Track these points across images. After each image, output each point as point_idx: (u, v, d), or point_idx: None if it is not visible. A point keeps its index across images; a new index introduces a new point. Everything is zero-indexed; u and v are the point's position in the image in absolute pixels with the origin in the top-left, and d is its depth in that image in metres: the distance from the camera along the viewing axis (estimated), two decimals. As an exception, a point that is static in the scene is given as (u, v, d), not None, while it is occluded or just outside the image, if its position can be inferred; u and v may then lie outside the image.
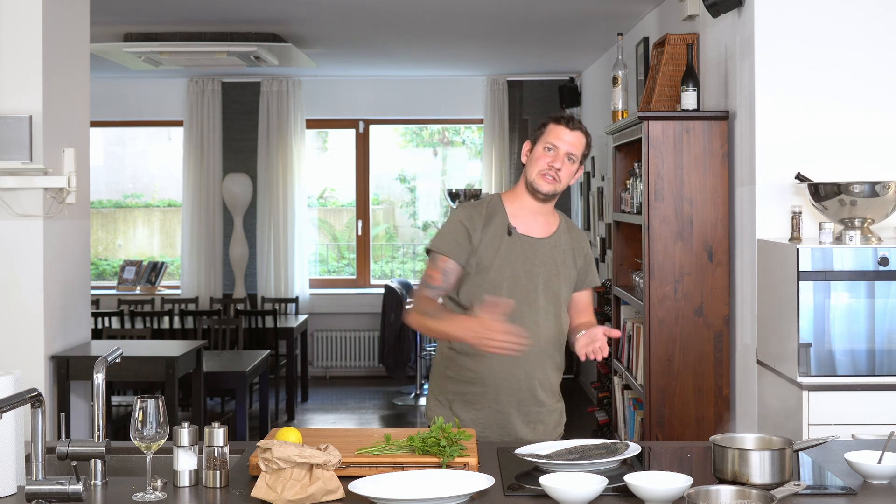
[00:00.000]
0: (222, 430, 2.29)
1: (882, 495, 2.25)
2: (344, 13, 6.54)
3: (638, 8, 6.23)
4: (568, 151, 3.01)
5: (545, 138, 3.03)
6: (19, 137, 4.44)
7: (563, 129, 3.02)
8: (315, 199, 9.94)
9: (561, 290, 3.07)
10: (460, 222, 3.05)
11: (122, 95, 9.47)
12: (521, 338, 2.78)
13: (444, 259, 3.03)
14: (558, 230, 3.12)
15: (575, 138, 3.02)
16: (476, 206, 3.10)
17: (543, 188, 3.02)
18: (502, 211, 3.08)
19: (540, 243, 3.07)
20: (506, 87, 9.53)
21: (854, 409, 3.46)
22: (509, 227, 3.05)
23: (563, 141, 3.01)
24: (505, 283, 3.00)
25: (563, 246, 3.11)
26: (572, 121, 3.04)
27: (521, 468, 2.45)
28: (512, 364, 2.97)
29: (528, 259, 3.03)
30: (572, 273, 3.11)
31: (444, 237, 3.06)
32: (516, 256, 3.03)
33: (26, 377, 2.52)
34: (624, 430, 5.06)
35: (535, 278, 3.03)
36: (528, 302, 3.01)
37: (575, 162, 3.03)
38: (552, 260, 3.06)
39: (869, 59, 4.02)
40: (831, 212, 3.71)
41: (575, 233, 3.17)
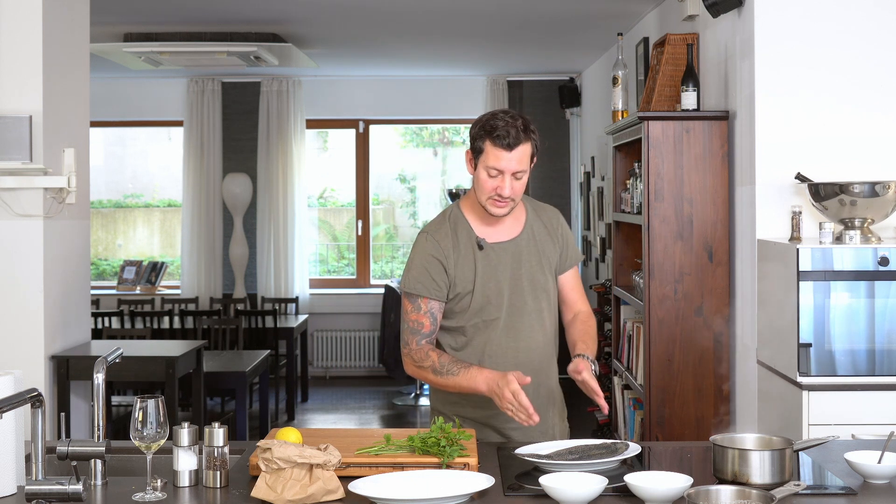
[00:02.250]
0: (222, 430, 2.29)
1: (882, 495, 2.25)
2: (344, 13, 6.54)
3: (638, 8, 6.23)
4: (513, 171, 2.77)
5: (485, 161, 2.78)
6: (19, 137, 4.44)
7: (502, 153, 2.75)
8: (315, 199, 9.94)
9: (548, 282, 2.94)
10: (431, 256, 2.86)
11: (122, 95, 9.47)
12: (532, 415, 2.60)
13: (426, 300, 2.86)
14: (528, 221, 2.95)
15: (518, 155, 2.76)
16: (438, 227, 2.91)
17: (496, 213, 2.83)
18: (465, 224, 2.91)
19: (513, 245, 2.91)
20: (506, 87, 9.53)
21: (854, 409, 3.46)
22: (478, 241, 2.88)
23: (506, 162, 2.76)
24: (491, 299, 2.87)
25: (538, 235, 2.95)
26: (508, 136, 2.74)
27: (521, 468, 2.45)
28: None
29: (505, 267, 2.89)
30: (553, 259, 2.97)
31: (420, 276, 2.86)
32: (494, 268, 2.88)
33: (26, 377, 2.52)
34: (624, 430, 5.06)
35: (518, 283, 2.90)
36: (517, 310, 2.89)
37: (524, 174, 2.79)
38: (532, 255, 2.92)
39: (869, 59, 4.02)
40: (831, 212, 3.71)
41: (545, 215, 3.00)
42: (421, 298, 2.86)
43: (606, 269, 7.45)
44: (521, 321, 2.90)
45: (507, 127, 2.75)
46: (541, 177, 9.68)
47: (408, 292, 2.88)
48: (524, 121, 2.80)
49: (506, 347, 2.90)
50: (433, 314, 2.87)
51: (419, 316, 2.86)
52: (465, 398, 2.88)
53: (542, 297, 2.93)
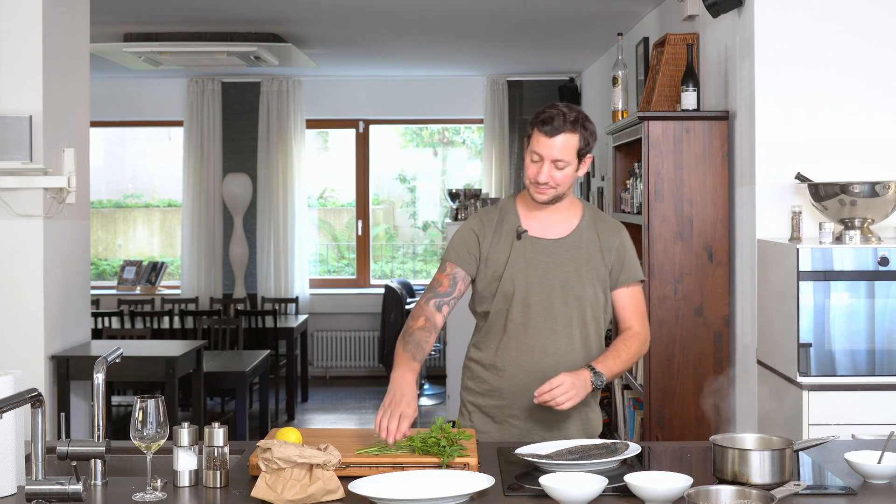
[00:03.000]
0: (222, 430, 2.29)
1: (882, 495, 2.25)
2: (344, 13, 6.54)
3: (638, 8, 6.23)
4: (554, 159, 2.79)
5: (531, 146, 2.83)
6: (19, 137, 4.44)
7: (542, 137, 2.79)
8: (315, 199, 9.94)
9: (585, 291, 2.87)
10: (471, 229, 2.93)
11: (122, 95, 9.47)
12: (391, 435, 2.49)
13: (452, 265, 2.91)
14: (579, 227, 2.91)
15: (560, 143, 2.78)
16: (489, 212, 2.97)
17: (538, 199, 2.85)
18: (514, 213, 2.93)
19: (556, 244, 2.88)
20: (506, 87, 9.53)
21: (854, 409, 3.46)
22: (518, 230, 2.89)
23: (546, 149, 2.79)
24: (516, 290, 2.85)
25: (586, 243, 2.90)
26: (552, 124, 2.78)
27: (521, 468, 2.45)
28: (527, 377, 2.84)
29: (541, 263, 2.86)
30: (601, 271, 2.89)
31: (455, 245, 2.94)
32: (528, 261, 2.86)
33: (26, 377, 2.52)
34: (624, 430, 5.06)
35: (549, 283, 2.86)
36: (543, 309, 2.85)
37: (567, 164, 2.80)
38: (571, 261, 2.87)
39: (869, 58, 4.02)
40: (831, 212, 3.71)
41: (603, 226, 2.94)
42: (448, 263, 2.93)
43: (606, 269, 7.44)
44: (543, 321, 2.86)
45: (554, 115, 2.79)
46: (541, 177, 9.67)
47: (442, 259, 2.97)
48: (577, 114, 2.82)
49: (521, 343, 2.87)
50: (455, 278, 2.91)
51: (441, 276, 2.93)
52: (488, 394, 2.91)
53: (573, 304, 2.87)
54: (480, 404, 2.93)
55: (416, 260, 10.07)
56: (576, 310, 2.87)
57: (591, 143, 2.84)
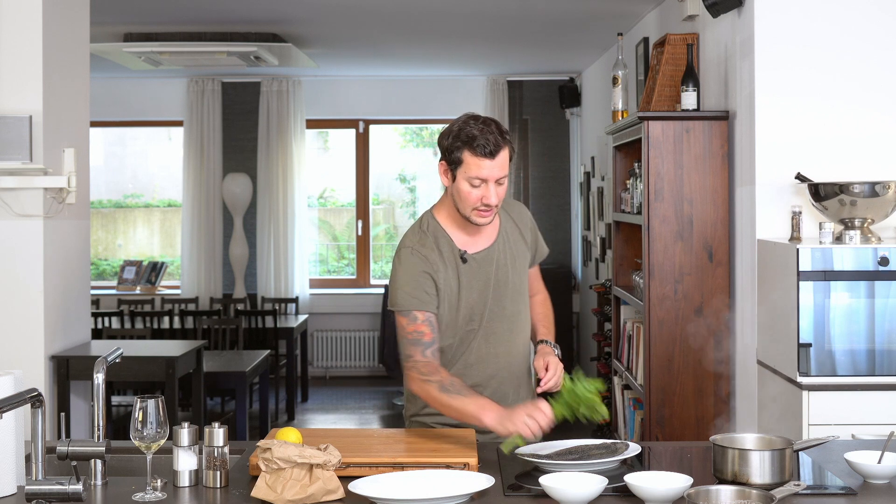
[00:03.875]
0: (222, 430, 2.29)
1: (882, 495, 2.25)
2: (344, 13, 6.54)
3: (638, 8, 6.23)
4: (496, 178, 2.71)
5: (466, 172, 2.70)
6: (19, 137, 4.44)
7: (483, 161, 2.67)
8: (315, 199, 9.94)
9: (521, 282, 2.91)
10: (422, 271, 2.77)
11: (122, 95, 9.47)
12: (544, 422, 2.54)
13: (423, 312, 2.75)
14: (501, 224, 2.90)
15: (499, 162, 2.69)
16: (423, 242, 2.83)
17: (482, 222, 2.77)
18: (446, 236, 2.84)
19: (492, 252, 2.86)
20: (506, 87, 9.53)
21: (854, 409, 3.46)
22: (461, 254, 2.82)
23: (488, 171, 2.69)
24: (474, 309, 2.81)
25: (511, 237, 2.91)
26: (489, 144, 2.67)
27: (521, 468, 2.45)
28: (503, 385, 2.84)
29: (488, 277, 2.83)
30: (526, 257, 2.95)
31: (413, 291, 2.76)
32: (478, 280, 2.82)
33: (26, 377, 2.52)
34: (624, 430, 5.06)
35: (497, 289, 2.84)
36: (496, 316, 2.84)
37: (506, 178, 2.74)
38: (506, 259, 2.87)
39: (869, 58, 4.02)
40: (831, 212, 3.71)
41: (514, 212, 2.95)
42: (416, 311, 2.75)
43: (606, 269, 7.45)
44: (500, 327, 2.85)
45: (486, 134, 2.69)
46: (541, 177, 9.68)
47: (402, 310, 2.76)
48: (497, 125, 2.74)
49: (485, 354, 2.85)
50: (432, 323, 2.76)
51: (417, 326, 2.75)
52: None
53: (518, 300, 2.89)
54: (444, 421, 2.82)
55: (416, 260, 10.07)
56: (521, 304, 2.93)
57: (515, 149, 2.84)
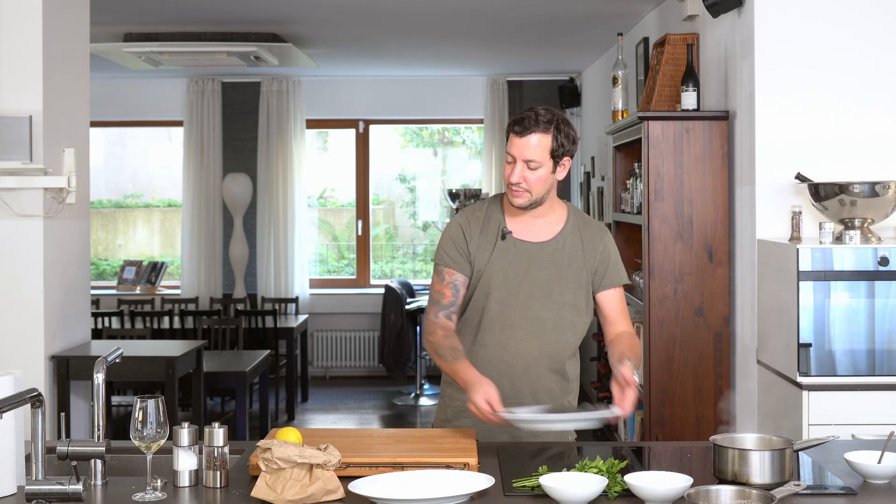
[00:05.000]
0: (222, 430, 2.29)
1: (882, 495, 2.25)
2: (344, 13, 6.54)
3: (638, 8, 6.23)
4: (526, 159, 2.78)
5: (507, 147, 2.84)
6: (19, 137, 4.44)
7: (514, 138, 2.80)
8: (315, 199, 9.94)
9: (565, 295, 2.87)
10: (459, 226, 2.92)
11: (122, 95, 9.47)
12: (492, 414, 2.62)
13: (451, 272, 2.90)
14: (563, 231, 2.91)
15: (531, 143, 2.78)
16: (476, 209, 2.96)
17: (515, 202, 2.84)
18: (499, 213, 2.92)
19: (539, 248, 2.88)
20: (506, 87, 9.53)
21: (854, 409, 3.46)
22: (503, 230, 2.89)
23: (518, 149, 2.79)
24: (494, 289, 2.86)
25: (570, 248, 2.90)
26: (523, 123, 2.80)
27: (522, 469, 2.45)
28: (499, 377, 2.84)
29: (522, 265, 2.87)
30: (582, 276, 2.89)
31: (447, 247, 2.92)
32: (509, 262, 2.87)
33: (26, 377, 2.52)
34: (624, 430, 5.06)
35: (530, 286, 2.86)
36: (521, 310, 2.86)
37: (540, 166, 2.79)
38: (553, 265, 2.87)
39: (869, 58, 4.02)
40: (831, 212, 3.71)
41: (588, 230, 2.94)
42: (446, 270, 2.91)
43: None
44: (520, 322, 2.87)
45: (525, 116, 2.81)
46: (541, 177, 9.67)
47: (436, 263, 2.94)
48: (553, 115, 2.82)
49: (497, 341, 2.88)
50: (456, 286, 2.89)
51: (442, 287, 2.91)
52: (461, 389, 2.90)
53: (551, 307, 2.87)
54: (458, 397, 2.94)
55: (416, 260, 10.07)
56: (553, 313, 2.88)
57: (566, 146, 2.82)
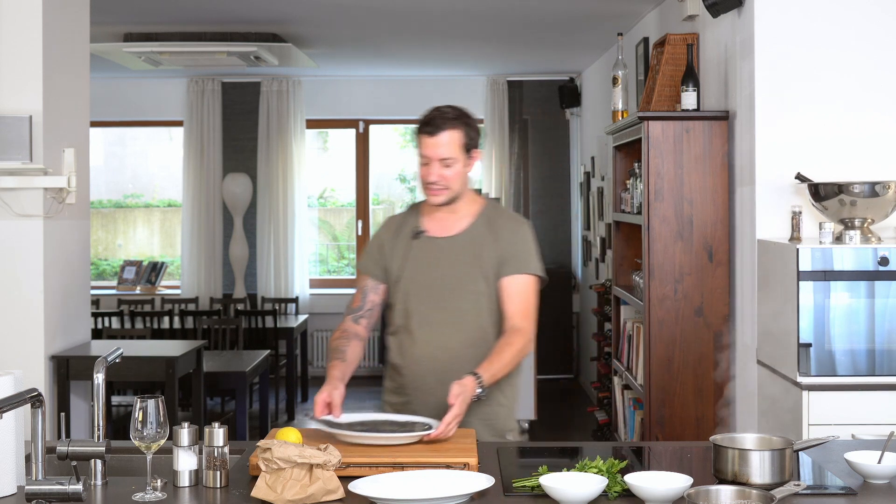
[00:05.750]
0: (222, 430, 2.29)
1: (882, 495, 2.25)
2: (344, 13, 6.54)
3: (638, 8, 6.23)
4: (441, 157, 2.85)
5: (419, 150, 2.91)
6: (19, 137, 4.44)
7: (425, 139, 2.87)
8: (315, 199, 9.94)
9: (478, 285, 2.91)
10: (376, 236, 3.05)
11: (122, 95, 9.47)
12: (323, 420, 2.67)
13: (364, 278, 3.03)
14: (474, 223, 2.96)
15: (442, 141, 2.85)
16: (395, 217, 3.09)
17: (433, 201, 2.91)
18: (416, 216, 3.02)
19: (449, 242, 2.95)
20: (506, 87, 9.53)
21: (854, 409, 3.46)
22: (416, 230, 2.98)
23: (431, 149, 2.86)
24: (413, 289, 2.94)
25: (479, 238, 2.94)
26: (433, 123, 2.86)
27: (522, 469, 2.45)
28: (425, 373, 2.91)
29: (435, 261, 2.94)
30: (492, 264, 2.92)
31: (364, 254, 3.07)
32: (423, 260, 2.95)
33: (26, 377, 2.52)
34: (624, 430, 5.06)
35: (446, 280, 2.92)
36: (437, 306, 2.92)
37: (455, 161, 2.86)
38: (465, 256, 2.93)
39: (869, 58, 4.02)
40: (831, 212, 3.71)
41: (501, 222, 2.98)
42: (361, 276, 3.05)
43: (606, 269, 7.45)
44: (440, 317, 2.92)
45: (432, 116, 2.88)
46: (541, 177, 9.68)
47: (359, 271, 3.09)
48: (458, 111, 2.89)
49: (420, 340, 2.93)
50: (365, 291, 3.02)
51: (357, 292, 3.05)
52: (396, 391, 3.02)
53: (469, 299, 2.92)
54: (392, 402, 3.03)
55: (416, 260, 10.07)
56: (471, 304, 2.92)
57: (475, 138, 2.92)
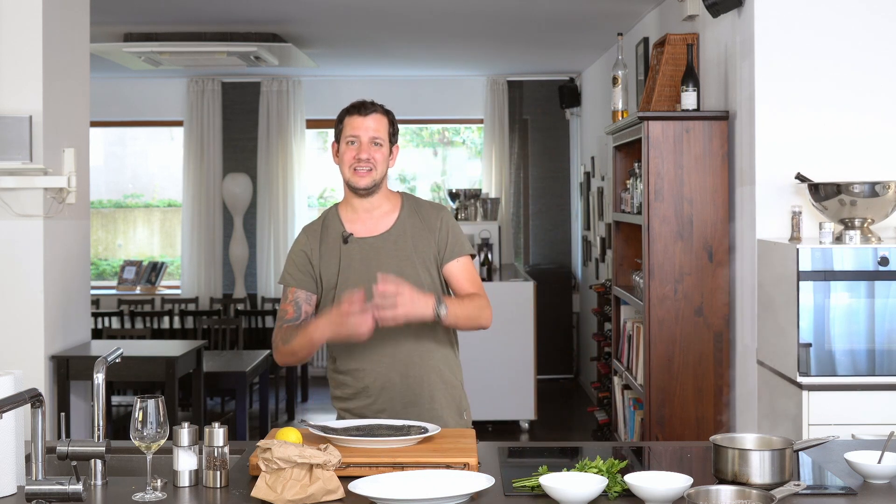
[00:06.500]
0: (222, 430, 2.29)
1: (882, 495, 2.25)
2: (344, 13, 6.54)
3: (638, 8, 6.23)
4: (371, 137, 2.93)
5: (345, 133, 2.96)
6: (19, 137, 4.44)
7: (356, 118, 2.95)
8: (315, 199, 9.95)
9: (420, 277, 2.94)
10: (299, 248, 3.02)
11: (122, 95, 9.47)
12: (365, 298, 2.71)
13: (293, 290, 2.99)
14: (399, 218, 3.00)
15: (373, 122, 2.94)
16: (312, 225, 3.06)
17: (360, 183, 2.93)
18: (336, 220, 3.01)
19: (381, 240, 2.97)
20: (506, 87, 9.53)
21: (854, 409, 3.46)
22: (343, 234, 2.98)
23: (362, 129, 2.93)
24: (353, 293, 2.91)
25: (410, 230, 2.98)
26: (364, 106, 2.97)
27: (522, 469, 2.45)
28: (388, 370, 2.93)
29: (371, 261, 2.94)
30: (431, 253, 2.98)
31: (289, 267, 3.02)
32: (358, 262, 2.95)
33: (26, 377, 2.52)
34: (624, 430, 5.06)
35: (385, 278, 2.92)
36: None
37: (383, 144, 2.95)
38: (400, 251, 2.96)
39: (869, 59, 4.02)
40: (831, 212, 3.71)
41: (425, 211, 3.03)
42: (289, 289, 3.00)
43: (606, 269, 7.45)
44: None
45: (361, 101, 2.99)
46: (541, 177, 9.68)
47: (281, 285, 3.05)
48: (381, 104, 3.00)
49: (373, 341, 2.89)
50: (298, 303, 2.99)
51: (286, 305, 3.00)
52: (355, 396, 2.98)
53: None
54: (351, 408, 2.99)
55: (416, 260, 10.07)
56: None
57: (397, 133, 3.02)
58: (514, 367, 7.15)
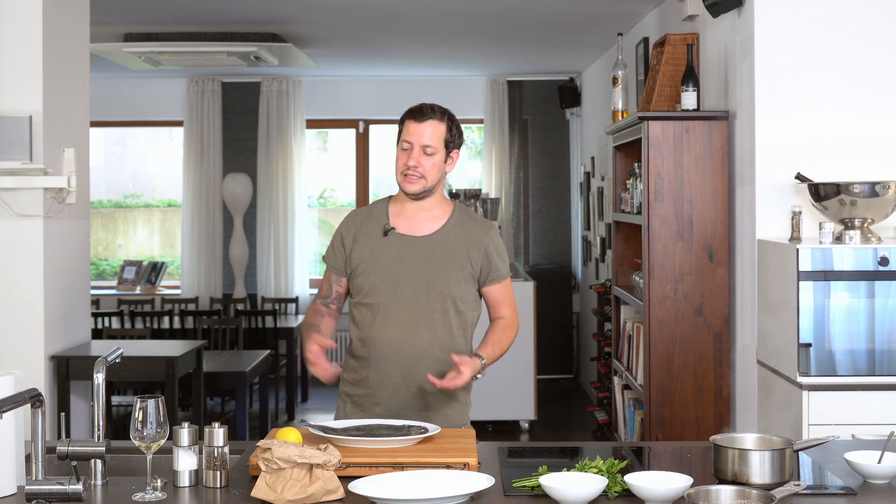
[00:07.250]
0: (222, 430, 2.29)
1: (882, 495, 2.25)
2: (344, 13, 6.54)
3: (638, 8, 6.23)
4: (424, 144, 2.94)
5: (402, 136, 2.99)
6: (19, 137, 4.44)
7: (412, 124, 2.97)
8: (315, 199, 9.94)
9: (450, 287, 2.96)
10: (338, 230, 3.09)
11: (122, 95, 9.47)
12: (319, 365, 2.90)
13: (330, 270, 3.09)
14: (446, 226, 3.01)
15: (428, 129, 2.96)
16: (358, 211, 3.12)
17: (409, 189, 2.96)
18: (383, 212, 3.04)
19: (422, 241, 2.98)
20: (506, 87, 9.53)
21: (854, 409, 3.46)
22: (385, 227, 3.00)
23: (415, 135, 2.95)
24: (382, 284, 2.96)
25: (452, 242, 2.99)
26: (421, 111, 2.98)
27: (522, 469, 2.45)
28: (391, 369, 2.95)
29: (406, 258, 2.96)
30: (466, 268, 2.98)
31: (329, 247, 3.11)
32: (392, 257, 2.97)
33: (26, 377, 2.52)
34: (624, 430, 5.06)
35: (415, 278, 2.95)
36: (406, 303, 2.95)
37: (436, 152, 2.95)
38: (437, 257, 2.97)
39: (869, 59, 4.02)
40: (831, 212, 3.71)
41: (471, 225, 3.04)
42: (328, 268, 3.10)
43: (606, 269, 7.45)
44: (407, 315, 2.95)
45: (421, 105, 3.02)
46: (541, 177, 9.68)
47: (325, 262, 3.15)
48: (445, 109, 3.04)
49: (386, 335, 2.96)
50: (331, 281, 3.08)
51: (323, 280, 3.12)
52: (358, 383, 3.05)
53: (437, 299, 2.96)
54: (352, 394, 3.06)
55: (416, 260, 10.07)
56: (439, 304, 2.96)
57: (457, 139, 3.02)
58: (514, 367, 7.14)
